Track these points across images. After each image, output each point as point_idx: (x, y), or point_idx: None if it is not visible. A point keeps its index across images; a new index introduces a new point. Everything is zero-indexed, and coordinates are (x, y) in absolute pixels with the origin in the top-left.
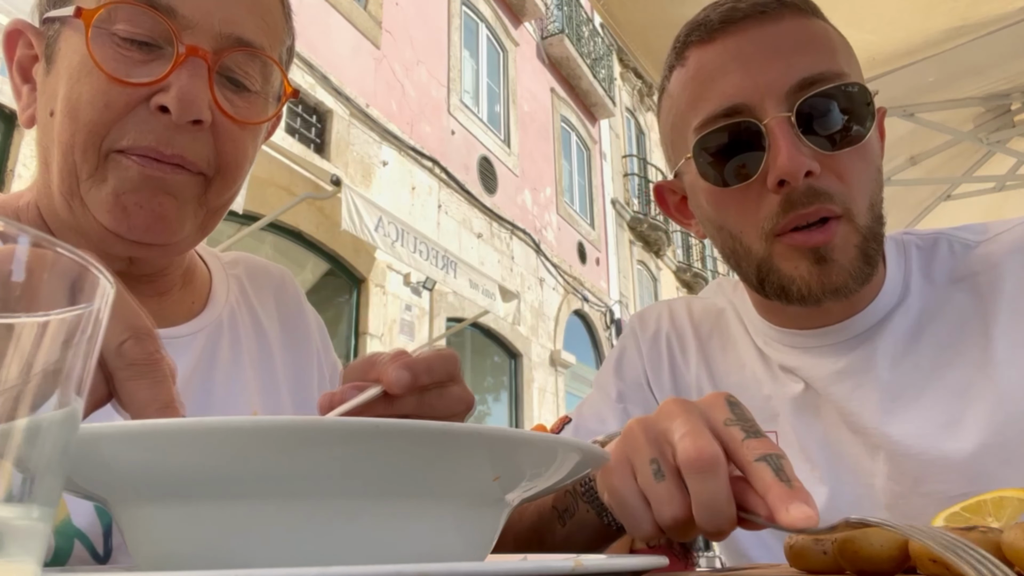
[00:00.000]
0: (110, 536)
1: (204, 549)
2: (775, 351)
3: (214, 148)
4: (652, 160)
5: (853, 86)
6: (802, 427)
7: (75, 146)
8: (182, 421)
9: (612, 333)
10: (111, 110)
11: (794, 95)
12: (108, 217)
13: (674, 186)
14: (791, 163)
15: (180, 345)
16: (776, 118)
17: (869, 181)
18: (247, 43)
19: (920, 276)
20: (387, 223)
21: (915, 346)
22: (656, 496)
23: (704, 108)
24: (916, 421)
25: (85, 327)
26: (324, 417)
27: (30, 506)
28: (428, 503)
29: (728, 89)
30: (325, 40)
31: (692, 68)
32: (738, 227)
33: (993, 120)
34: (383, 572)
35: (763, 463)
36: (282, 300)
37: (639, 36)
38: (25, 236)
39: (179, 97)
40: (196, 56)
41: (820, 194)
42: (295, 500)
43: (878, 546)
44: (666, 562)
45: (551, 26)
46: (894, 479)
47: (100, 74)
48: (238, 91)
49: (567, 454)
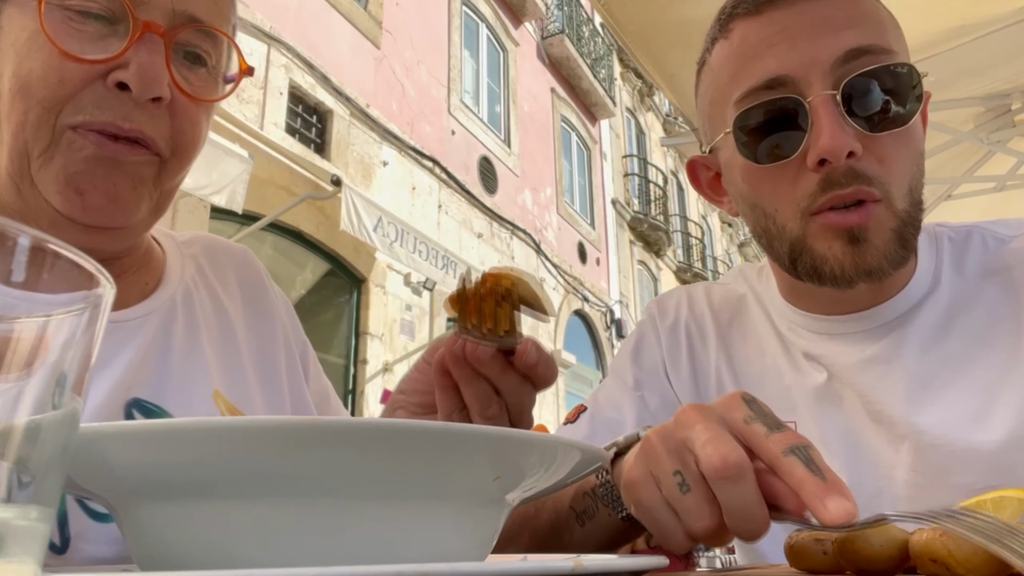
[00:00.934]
0: (66, 525)
1: (204, 549)
2: (800, 337)
3: (171, 126)
4: (652, 160)
5: (902, 66)
6: (823, 418)
7: (27, 123)
8: (182, 421)
9: (612, 333)
10: (65, 86)
11: (840, 68)
12: (60, 199)
13: (708, 162)
14: (834, 142)
15: (132, 327)
16: (820, 96)
17: (910, 166)
18: (199, 20)
19: (951, 268)
20: (386, 223)
21: (945, 337)
22: (685, 509)
23: (746, 81)
24: (943, 412)
25: (85, 327)
26: (324, 417)
27: (30, 506)
28: (428, 503)
29: (772, 63)
30: (325, 40)
31: (736, 40)
32: (773, 205)
33: (993, 120)
34: (383, 572)
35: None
36: (244, 277)
37: (639, 36)
38: (25, 236)
39: (140, 74)
40: (152, 32)
41: (860, 176)
42: (295, 500)
43: (878, 546)
44: (666, 562)
45: (551, 26)
46: (917, 471)
47: (52, 49)
48: (192, 67)
49: (567, 454)
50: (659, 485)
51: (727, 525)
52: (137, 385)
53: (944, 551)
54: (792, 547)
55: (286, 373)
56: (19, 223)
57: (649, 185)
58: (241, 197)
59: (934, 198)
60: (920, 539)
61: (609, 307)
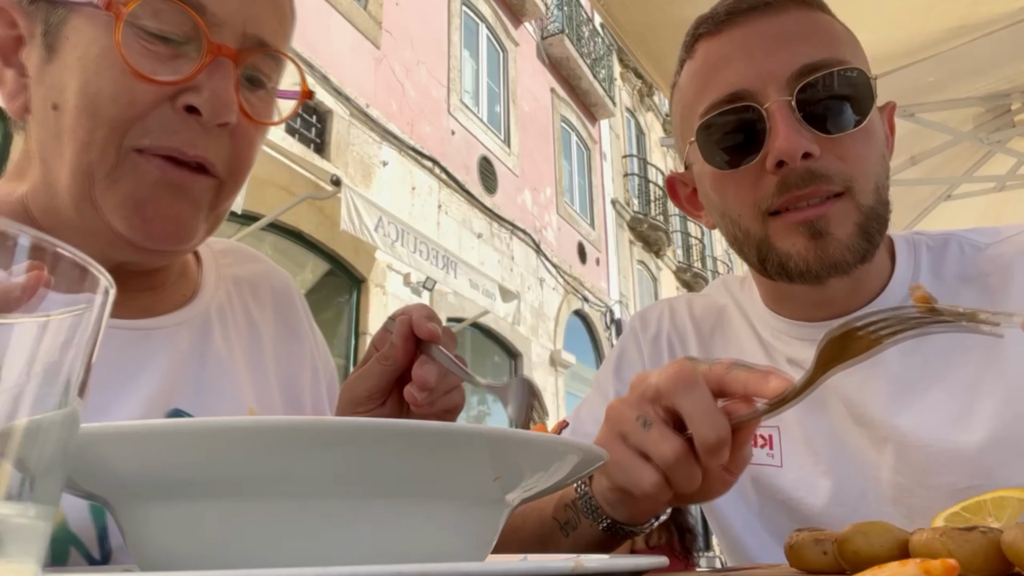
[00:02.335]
0: (106, 539)
1: (204, 549)
2: (783, 343)
3: (231, 150)
4: (652, 160)
5: (852, 71)
6: (807, 421)
7: (93, 144)
8: (182, 421)
9: (612, 333)
10: (135, 107)
11: (795, 81)
12: (124, 224)
13: (685, 178)
14: (789, 143)
15: (167, 334)
16: (777, 102)
17: (873, 164)
18: (268, 44)
19: (930, 274)
20: (387, 223)
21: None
22: (651, 441)
23: (709, 96)
24: (925, 413)
25: (85, 327)
26: (324, 418)
27: (30, 506)
28: (428, 503)
29: (732, 77)
30: (325, 40)
31: (699, 60)
32: (737, 210)
33: (993, 120)
34: (383, 572)
35: (735, 368)
36: (277, 292)
37: (639, 36)
38: (25, 236)
39: (212, 100)
40: (223, 56)
41: (818, 176)
42: (295, 500)
43: (878, 546)
44: (666, 562)
45: (551, 26)
46: (901, 472)
47: (124, 69)
48: (254, 90)
49: (567, 454)
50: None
51: (695, 437)
52: (176, 395)
53: (944, 551)
54: (792, 547)
55: (310, 393)
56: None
57: (649, 185)
58: (241, 197)
59: (934, 198)
60: (920, 539)
61: (609, 307)
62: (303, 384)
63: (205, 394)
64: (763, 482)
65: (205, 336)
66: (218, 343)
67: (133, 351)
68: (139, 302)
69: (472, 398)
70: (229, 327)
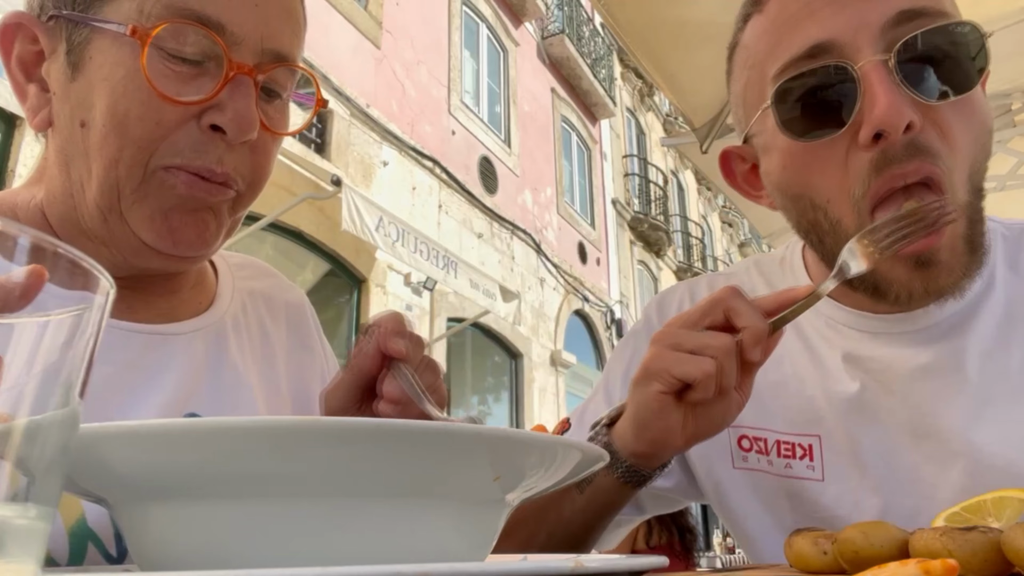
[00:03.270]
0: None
1: (204, 549)
2: (843, 336)
3: (251, 162)
4: (652, 160)
5: (963, 25)
6: (855, 431)
7: (121, 161)
8: (182, 421)
9: (612, 333)
10: (162, 127)
11: (892, 31)
12: (151, 235)
13: (744, 152)
14: (890, 112)
15: (183, 341)
16: (872, 61)
17: (975, 143)
18: (285, 57)
19: (1006, 266)
20: (387, 223)
21: (1005, 345)
22: (708, 336)
23: (786, 52)
24: (1005, 430)
25: (85, 327)
26: (324, 418)
27: (30, 507)
28: (428, 503)
29: (814, 29)
30: (325, 40)
31: (774, 11)
32: (824, 194)
33: (993, 120)
34: (383, 572)
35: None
36: (291, 304)
37: (639, 36)
38: (25, 236)
39: (236, 119)
40: (243, 73)
41: (922, 150)
42: (295, 500)
43: (878, 546)
44: (666, 562)
45: (551, 26)
46: (972, 491)
47: (150, 90)
48: (271, 101)
49: (567, 454)
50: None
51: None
52: (193, 400)
53: (944, 551)
54: (792, 547)
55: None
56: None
57: (649, 185)
58: None
59: None
60: (920, 539)
61: (609, 307)
62: (313, 395)
63: (220, 401)
64: (802, 497)
65: (221, 344)
66: (233, 352)
67: (152, 354)
68: (157, 307)
69: (472, 398)
70: (243, 337)
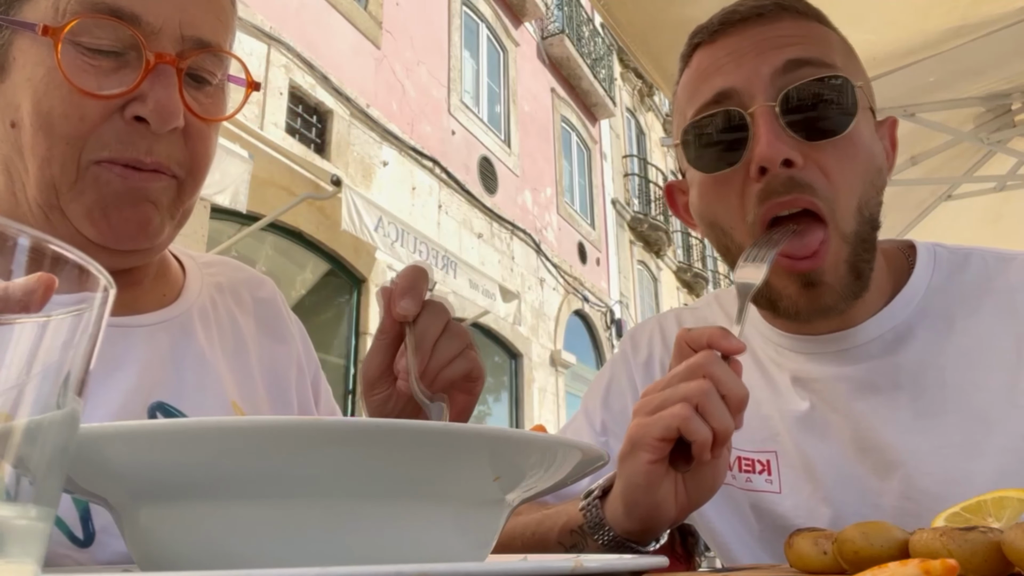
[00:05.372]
0: (89, 520)
1: (204, 549)
2: (787, 359)
3: (185, 149)
4: (652, 160)
5: (836, 78)
6: (806, 446)
7: (52, 159)
8: (182, 421)
9: (612, 333)
10: (86, 122)
11: (780, 79)
12: (92, 230)
13: (682, 186)
14: (770, 149)
15: (147, 332)
16: (761, 106)
17: (857, 179)
18: (208, 43)
19: (949, 282)
20: (387, 223)
21: (941, 359)
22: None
23: (698, 99)
24: (939, 439)
25: (85, 327)
26: (324, 418)
27: (30, 507)
28: (428, 503)
29: (719, 79)
30: (325, 40)
31: (694, 67)
32: (728, 221)
33: (993, 120)
34: (383, 572)
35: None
36: (260, 302)
37: (639, 36)
38: (25, 236)
39: (157, 109)
40: (164, 63)
41: (799, 184)
42: (295, 500)
43: (878, 546)
44: (666, 562)
45: (551, 26)
46: (909, 497)
47: (70, 87)
48: (201, 87)
49: (567, 454)
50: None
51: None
52: (159, 388)
53: (944, 551)
54: (792, 547)
55: (295, 391)
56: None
57: (649, 185)
58: (244, 197)
59: (934, 198)
60: (920, 539)
61: (609, 307)
62: (289, 383)
63: (185, 388)
64: (762, 508)
65: (186, 335)
66: (200, 341)
67: (111, 347)
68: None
69: None
70: (212, 328)
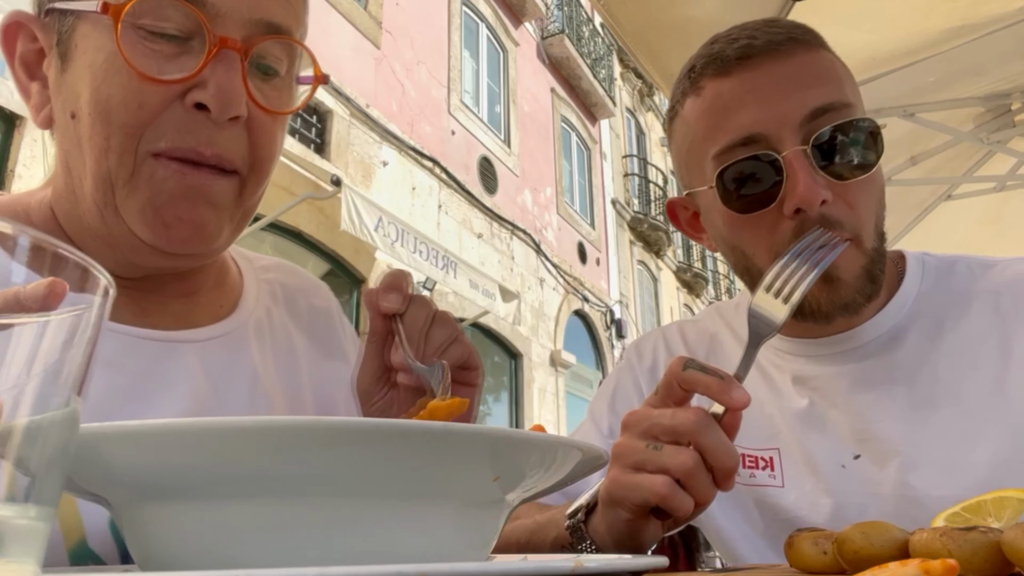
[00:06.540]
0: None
1: (204, 549)
2: (788, 362)
3: (248, 143)
4: (652, 160)
5: (864, 120)
6: (807, 441)
7: (110, 150)
8: (182, 421)
9: (612, 333)
10: (146, 110)
11: (808, 124)
12: (146, 231)
13: (687, 203)
14: (808, 192)
15: (200, 348)
16: (794, 151)
17: (876, 206)
18: (276, 28)
19: (937, 286)
20: (387, 223)
21: (932, 356)
22: (667, 457)
23: (722, 138)
24: (935, 428)
25: (85, 327)
26: (324, 418)
27: (31, 507)
28: (429, 503)
29: (746, 120)
30: (325, 40)
31: (709, 99)
32: (752, 249)
33: (993, 120)
34: (383, 572)
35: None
36: (315, 308)
37: (639, 36)
38: (25, 236)
39: (218, 95)
40: (228, 47)
41: (832, 222)
42: (295, 500)
43: (878, 546)
44: (666, 562)
45: (551, 26)
46: (908, 485)
47: (130, 72)
48: (267, 78)
49: (567, 454)
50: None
51: (715, 469)
52: (207, 410)
53: (944, 551)
54: (792, 547)
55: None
56: (91, 242)
57: (649, 185)
58: None
59: (934, 198)
60: (920, 539)
61: (609, 307)
62: (337, 401)
63: (238, 412)
64: (766, 503)
65: (241, 351)
66: (254, 359)
67: (165, 362)
68: (173, 311)
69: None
70: (266, 342)
